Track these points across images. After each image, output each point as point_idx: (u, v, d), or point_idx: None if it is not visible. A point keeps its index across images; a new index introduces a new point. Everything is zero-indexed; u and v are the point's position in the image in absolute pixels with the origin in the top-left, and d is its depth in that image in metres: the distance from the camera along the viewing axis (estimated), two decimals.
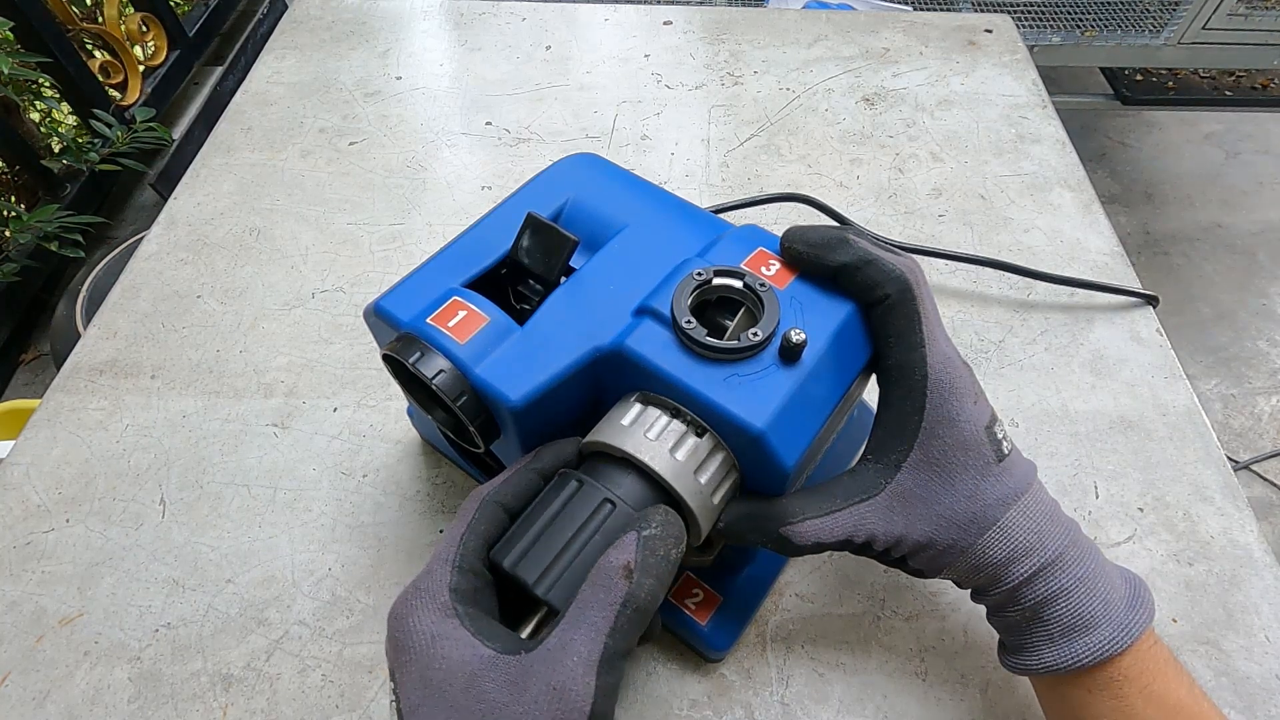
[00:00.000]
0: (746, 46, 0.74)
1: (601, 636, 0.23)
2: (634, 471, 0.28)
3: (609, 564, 0.24)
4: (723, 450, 0.29)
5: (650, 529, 0.25)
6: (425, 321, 0.31)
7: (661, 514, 0.26)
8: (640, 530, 0.25)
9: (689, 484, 0.28)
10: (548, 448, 0.30)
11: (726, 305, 0.31)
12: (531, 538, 0.27)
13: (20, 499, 0.42)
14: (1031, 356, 0.49)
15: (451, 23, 0.77)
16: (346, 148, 0.63)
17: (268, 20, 1.92)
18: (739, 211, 0.57)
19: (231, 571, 0.40)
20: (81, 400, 0.47)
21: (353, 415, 0.46)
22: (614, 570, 0.24)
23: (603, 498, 0.27)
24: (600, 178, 0.37)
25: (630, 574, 0.24)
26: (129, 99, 1.66)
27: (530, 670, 0.23)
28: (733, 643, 0.37)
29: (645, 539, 0.25)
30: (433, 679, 0.24)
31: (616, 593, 0.24)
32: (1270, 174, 1.82)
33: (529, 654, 0.24)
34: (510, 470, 0.30)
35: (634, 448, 0.28)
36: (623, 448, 0.28)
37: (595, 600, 0.24)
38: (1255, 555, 0.40)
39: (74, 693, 0.36)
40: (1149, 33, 1.53)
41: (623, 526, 0.27)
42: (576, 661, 0.23)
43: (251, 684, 0.36)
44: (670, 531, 0.26)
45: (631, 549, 0.24)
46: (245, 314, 0.51)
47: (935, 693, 0.36)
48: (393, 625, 0.26)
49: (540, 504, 0.28)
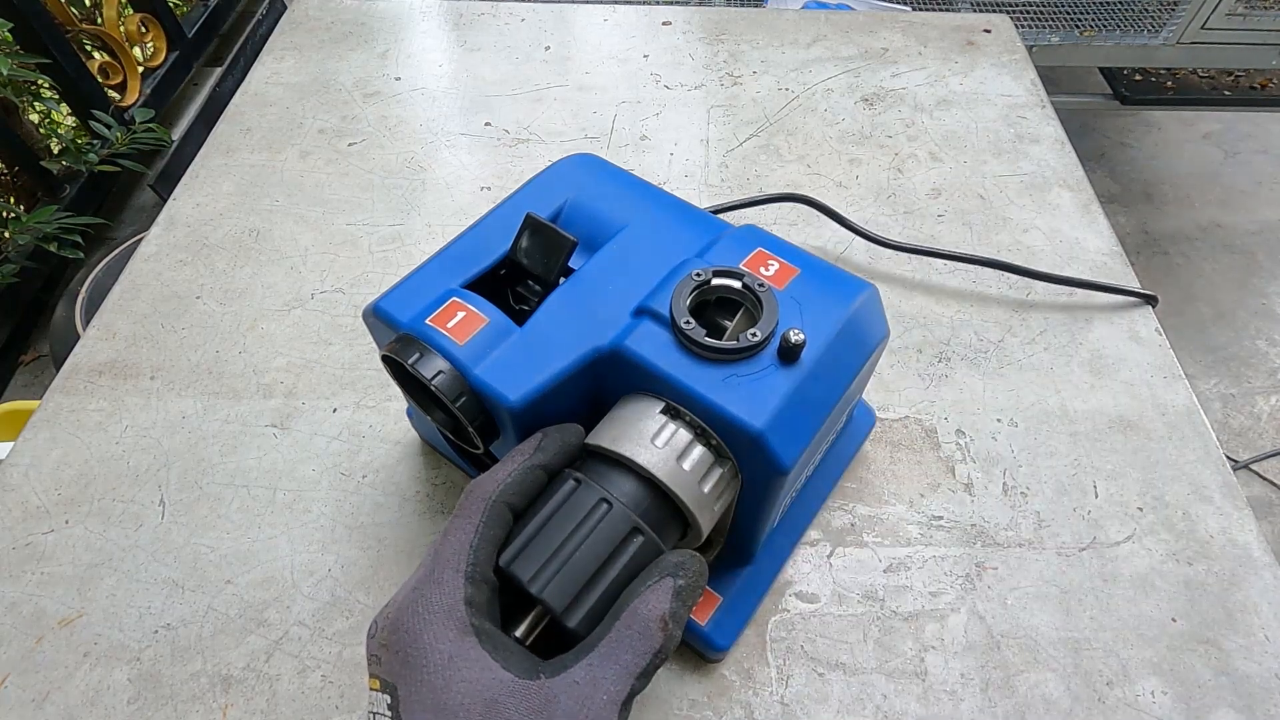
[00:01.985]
0: (745, 47, 0.74)
1: (630, 679, 0.24)
2: (631, 473, 0.28)
3: (649, 612, 0.24)
4: (721, 451, 0.29)
5: (683, 579, 0.25)
6: (424, 322, 0.31)
7: (696, 564, 0.26)
8: (675, 578, 0.25)
9: (687, 486, 0.28)
10: (550, 438, 0.29)
11: (725, 305, 0.31)
12: (528, 535, 0.27)
13: (20, 500, 0.42)
14: (1031, 356, 0.49)
15: (451, 23, 0.77)
16: (346, 148, 0.63)
17: (267, 21, 1.92)
18: (738, 212, 0.57)
19: (231, 572, 0.40)
20: (81, 401, 0.47)
21: (352, 416, 0.46)
22: (653, 620, 0.24)
23: (599, 497, 0.27)
24: (599, 178, 0.37)
25: (667, 625, 0.24)
26: (128, 100, 1.66)
27: (555, 701, 0.23)
28: (732, 643, 0.37)
29: (679, 590, 0.25)
30: (448, 703, 0.23)
31: (653, 642, 0.24)
32: (1269, 173, 1.82)
33: (552, 681, 0.23)
34: (514, 465, 0.28)
35: (631, 450, 0.28)
36: (620, 450, 0.28)
37: (631, 645, 0.24)
38: (1254, 555, 0.40)
39: (74, 694, 0.36)
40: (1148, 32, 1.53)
41: (620, 527, 0.27)
42: (605, 700, 0.23)
43: (251, 685, 0.36)
44: (700, 582, 0.26)
45: (668, 599, 0.25)
46: (245, 315, 0.51)
47: (935, 693, 0.36)
48: (399, 639, 0.24)
49: (538, 502, 0.28)
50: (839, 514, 0.42)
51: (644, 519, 0.27)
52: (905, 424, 0.45)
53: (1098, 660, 0.37)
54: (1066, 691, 0.36)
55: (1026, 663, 0.37)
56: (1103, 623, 0.38)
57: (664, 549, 0.28)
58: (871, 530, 0.41)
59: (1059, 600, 0.39)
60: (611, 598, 0.26)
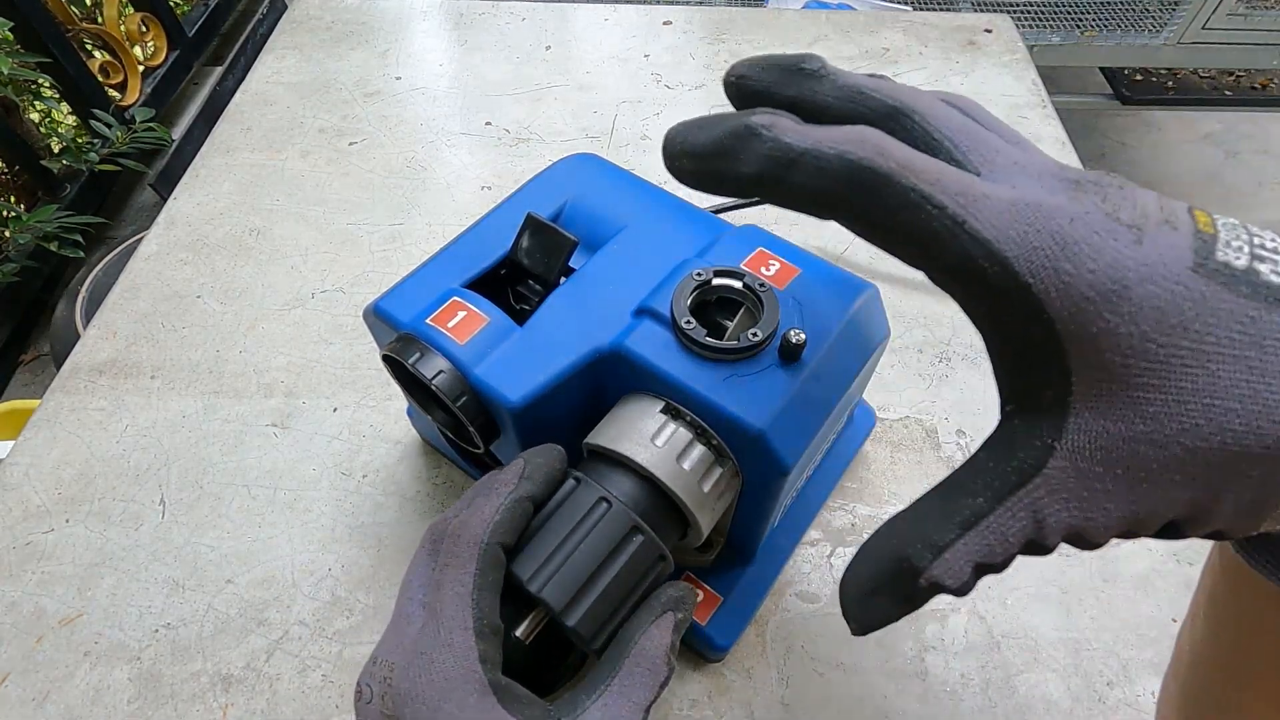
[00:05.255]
0: (746, 46, 0.74)
1: (642, 711, 0.24)
2: (630, 472, 0.28)
3: (657, 646, 0.25)
4: (721, 451, 0.29)
5: (682, 613, 0.26)
6: (425, 322, 0.31)
7: (692, 598, 0.27)
8: (676, 613, 0.26)
9: (687, 485, 0.28)
10: (534, 466, 0.27)
11: (726, 305, 0.31)
12: (527, 535, 0.27)
13: (20, 499, 0.42)
14: None
15: (451, 23, 0.77)
16: (346, 148, 0.63)
17: (267, 20, 1.92)
18: (738, 212, 0.56)
19: (231, 572, 0.40)
20: (81, 401, 0.47)
21: (352, 415, 0.46)
22: (660, 656, 0.25)
23: (599, 496, 0.27)
24: (600, 178, 0.37)
25: (669, 659, 0.25)
26: (129, 99, 1.66)
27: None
28: (733, 643, 0.37)
29: (679, 624, 0.26)
30: None
31: (660, 675, 0.25)
32: (1270, 174, 1.82)
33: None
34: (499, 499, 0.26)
35: (631, 450, 0.28)
36: (620, 449, 0.28)
37: (642, 680, 0.24)
38: None
39: (74, 693, 0.36)
40: (1148, 32, 1.53)
41: (620, 527, 0.27)
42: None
43: (251, 684, 0.36)
44: (692, 613, 0.27)
45: (670, 633, 0.25)
46: (245, 314, 0.51)
47: (935, 693, 0.36)
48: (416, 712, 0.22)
49: None
50: (839, 514, 0.42)
51: (644, 518, 0.27)
52: (905, 424, 0.45)
53: (1098, 660, 0.37)
54: (1067, 691, 0.36)
55: (1027, 663, 0.37)
56: (1103, 623, 0.38)
57: (664, 548, 0.28)
58: (872, 530, 0.41)
59: (1059, 600, 0.39)
60: (611, 597, 0.26)
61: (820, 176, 0.17)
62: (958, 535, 0.18)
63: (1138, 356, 0.16)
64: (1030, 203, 0.16)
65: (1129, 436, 0.16)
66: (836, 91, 0.19)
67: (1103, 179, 0.17)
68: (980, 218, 0.16)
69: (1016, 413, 0.18)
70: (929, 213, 0.16)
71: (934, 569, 0.18)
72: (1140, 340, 0.15)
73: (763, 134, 0.18)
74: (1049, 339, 0.16)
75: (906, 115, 0.18)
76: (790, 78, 0.19)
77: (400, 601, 0.25)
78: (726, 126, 0.18)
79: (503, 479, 0.26)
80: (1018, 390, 0.18)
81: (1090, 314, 0.15)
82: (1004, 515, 0.18)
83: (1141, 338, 0.15)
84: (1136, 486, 0.16)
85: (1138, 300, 0.15)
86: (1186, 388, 0.15)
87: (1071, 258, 0.15)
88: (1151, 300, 0.15)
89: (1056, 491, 0.17)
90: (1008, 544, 0.18)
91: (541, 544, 0.26)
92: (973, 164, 0.17)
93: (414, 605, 0.25)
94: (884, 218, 0.17)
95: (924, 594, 0.19)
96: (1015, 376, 0.18)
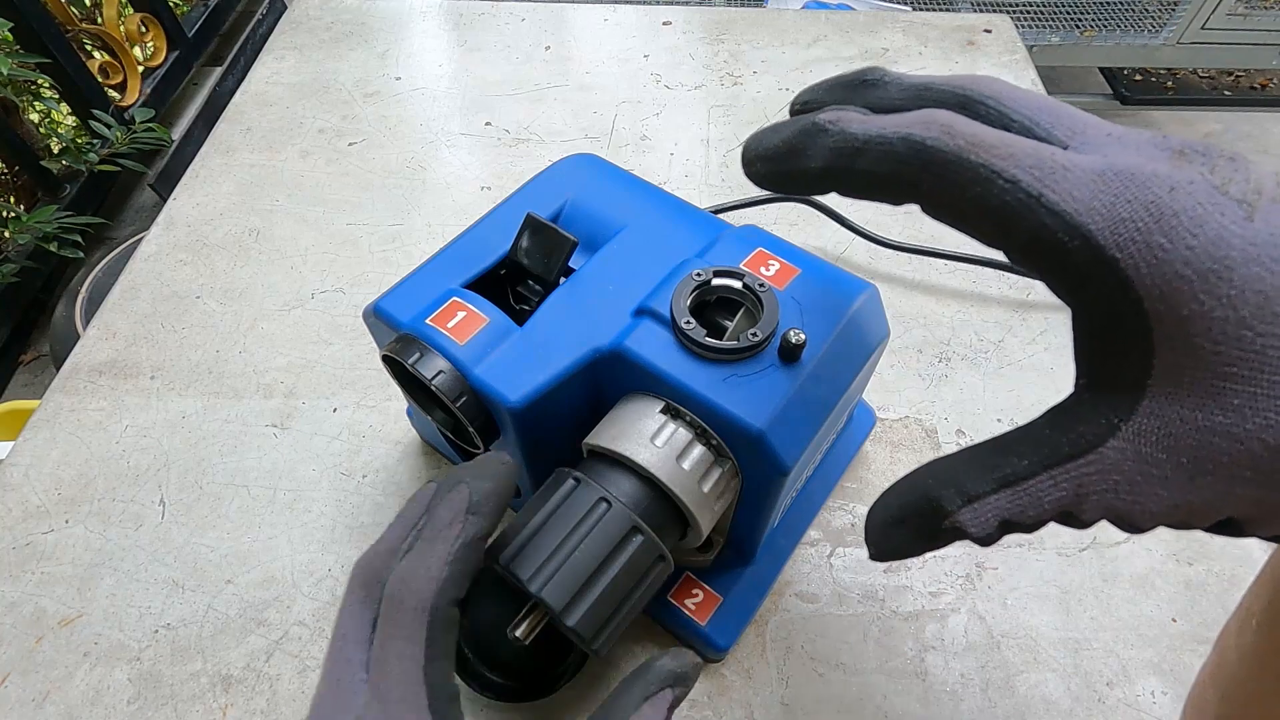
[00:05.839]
0: (746, 47, 0.74)
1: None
2: (630, 472, 0.28)
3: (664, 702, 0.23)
4: (721, 451, 0.29)
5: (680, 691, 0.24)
6: (425, 322, 0.31)
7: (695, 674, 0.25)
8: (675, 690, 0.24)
9: (687, 485, 0.28)
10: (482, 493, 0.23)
11: (726, 305, 0.31)
12: (527, 534, 0.27)
13: (20, 500, 0.42)
14: (1031, 356, 0.49)
15: (451, 23, 0.77)
16: (346, 148, 0.63)
17: (267, 20, 1.92)
18: (738, 211, 0.57)
19: (231, 572, 0.40)
20: (81, 401, 0.47)
21: (352, 416, 0.46)
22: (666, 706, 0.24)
23: (599, 496, 0.27)
24: (599, 178, 0.37)
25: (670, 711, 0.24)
26: (128, 99, 1.66)
27: None
28: (733, 643, 0.37)
29: (675, 701, 0.24)
30: None
31: None
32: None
33: None
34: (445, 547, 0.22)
35: (630, 450, 0.28)
36: (619, 449, 0.28)
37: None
38: (1254, 555, 0.40)
39: (74, 693, 0.36)
40: (1148, 32, 1.53)
41: (620, 527, 0.27)
42: None
43: (251, 684, 0.36)
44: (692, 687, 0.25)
45: (665, 712, 0.24)
46: (245, 314, 0.51)
47: (935, 693, 0.36)
48: None
49: (536, 501, 0.28)
50: (839, 514, 0.42)
51: (643, 518, 0.27)
52: (905, 424, 0.45)
53: (1098, 660, 0.37)
54: (1066, 692, 0.36)
55: (1026, 663, 0.37)
56: (1103, 623, 0.38)
57: (663, 549, 0.28)
58: None
59: (1059, 600, 0.39)
60: (611, 597, 0.26)
61: (886, 161, 0.17)
62: (992, 490, 0.18)
63: (1230, 344, 0.14)
64: (1121, 171, 0.15)
65: (1204, 427, 0.15)
66: (903, 92, 0.19)
67: (1210, 148, 0.16)
68: (1059, 189, 0.15)
69: (1088, 388, 0.18)
70: (1001, 187, 0.15)
71: (961, 514, 0.18)
72: (1236, 327, 0.14)
73: (829, 128, 0.18)
74: (1134, 317, 0.15)
75: (979, 101, 0.18)
76: (855, 92, 0.20)
77: (334, 659, 0.22)
78: (796, 126, 0.19)
79: (442, 515, 0.23)
80: (1095, 367, 0.17)
81: (1184, 295, 0.14)
82: (1045, 482, 0.17)
83: (1239, 324, 0.14)
84: (1200, 478, 0.16)
85: (1240, 283, 0.14)
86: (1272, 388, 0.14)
87: (1168, 231, 0.14)
88: (1255, 284, 0.14)
89: (1107, 472, 0.16)
90: (1042, 509, 0.17)
91: (541, 544, 0.26)
92: (1058, 138, 0.17)
93: (353, 670, 0.21)
94: (955, 196, 0.16)
95: (946, 535, 0.18)
96: (1093, 353, 0.17)
